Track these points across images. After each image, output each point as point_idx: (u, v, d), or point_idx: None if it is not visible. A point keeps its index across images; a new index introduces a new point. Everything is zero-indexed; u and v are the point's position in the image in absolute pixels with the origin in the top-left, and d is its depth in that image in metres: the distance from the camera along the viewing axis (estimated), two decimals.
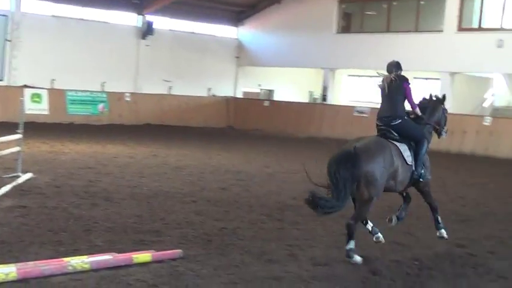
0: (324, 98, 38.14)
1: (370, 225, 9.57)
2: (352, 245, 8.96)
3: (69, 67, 34.05)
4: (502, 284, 8.50)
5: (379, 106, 9.99)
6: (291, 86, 42.60)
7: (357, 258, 8.95)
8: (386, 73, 9.94)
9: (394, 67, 9.89)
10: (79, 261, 7.86)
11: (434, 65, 33.19)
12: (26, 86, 31.37)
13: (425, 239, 10.85)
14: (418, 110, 10.15)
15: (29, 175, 14.70)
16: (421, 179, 9.86)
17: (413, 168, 9.64)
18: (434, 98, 10.63)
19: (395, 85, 9.71)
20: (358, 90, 42.74)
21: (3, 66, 32.90)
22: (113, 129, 30.26)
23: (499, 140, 25.81)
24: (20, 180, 13.90)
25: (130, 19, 37.18)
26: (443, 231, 10.20)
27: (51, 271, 7.58)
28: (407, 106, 10.02)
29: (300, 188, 15.75)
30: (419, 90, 41.24)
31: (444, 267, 9.16)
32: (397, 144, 9.53)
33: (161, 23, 38.18)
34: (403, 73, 9.99)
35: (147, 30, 36.89)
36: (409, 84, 9.78)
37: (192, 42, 39.71)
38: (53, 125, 29.62)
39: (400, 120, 9.64)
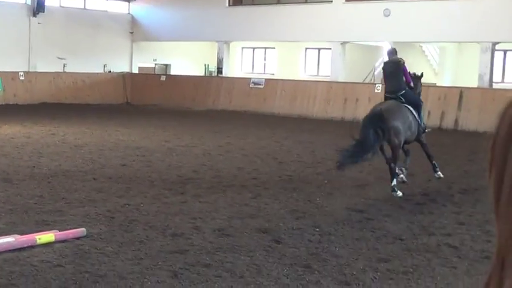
0: (220, 70, 38.17)
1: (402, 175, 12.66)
2: (394, 182, 11.94)
3: None
4: (399, 245, 8.81)
5: (385, 83, 13.70)
6: (187, 59, 42.43)
7: (399, 193, 11.81)
8: (386, 57, 13.60)
9: (393, 53, 13.31)
10: None
11: (325, 35, 33.55)
12: None
13: (325, 207, 11.15)
14: (412, 84, 13.07)
15: None
16: (426, 130, 13.12)
17: (419, 122, 12.73)
18: (418, 75, 13.70)
19: (397, 67, 12.90)
20: (253, 62, 43.03)
21: None
22: (8, 110, 29.56)
23: None
24: None
25: None
26: (439, 173, 13.08)
27: None
28: None
29: (200, 161, 15.92)
30: (312, 60, 41.63)
31: (344, 232, 9.42)
32: (407, 105, 12.54)
33: None
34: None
35: (37, 8, 35.99)
36: (405, 64, 13.00)
37: (85, 18, 38.98)
38: None
39: (404, 91, 12.69)
